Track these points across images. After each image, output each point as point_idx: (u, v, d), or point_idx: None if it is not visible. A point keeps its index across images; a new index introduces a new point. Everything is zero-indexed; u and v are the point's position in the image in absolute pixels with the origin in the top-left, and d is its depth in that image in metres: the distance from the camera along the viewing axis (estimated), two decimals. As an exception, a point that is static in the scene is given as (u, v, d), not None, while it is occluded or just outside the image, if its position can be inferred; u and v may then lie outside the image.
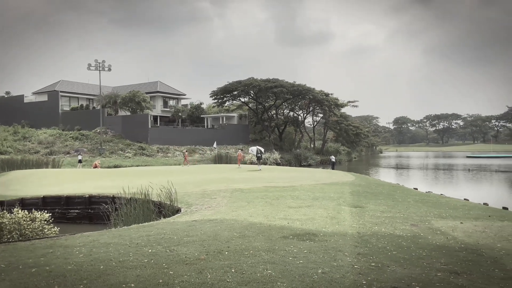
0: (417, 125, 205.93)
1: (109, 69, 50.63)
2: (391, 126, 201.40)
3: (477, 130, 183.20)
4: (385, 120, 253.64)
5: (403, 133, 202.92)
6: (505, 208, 14.16)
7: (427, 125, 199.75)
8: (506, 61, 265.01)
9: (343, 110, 71.13)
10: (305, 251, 6.01)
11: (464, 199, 16.62)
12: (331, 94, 66.33)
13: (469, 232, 7.93)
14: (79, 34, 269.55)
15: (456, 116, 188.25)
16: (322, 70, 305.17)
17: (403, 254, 5.99)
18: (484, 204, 15.14)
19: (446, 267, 5.39)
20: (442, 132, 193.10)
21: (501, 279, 4.92)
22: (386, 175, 39.35)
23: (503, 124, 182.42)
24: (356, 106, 73.76)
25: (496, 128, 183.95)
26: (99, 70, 50.08)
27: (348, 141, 71.50)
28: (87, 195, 15.21)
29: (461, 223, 8.94)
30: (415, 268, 5.27)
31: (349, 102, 70.95)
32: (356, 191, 15.08)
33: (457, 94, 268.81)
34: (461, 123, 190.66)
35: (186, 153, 40.96)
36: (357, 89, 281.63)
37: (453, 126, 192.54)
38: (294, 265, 5.21)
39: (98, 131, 52.96)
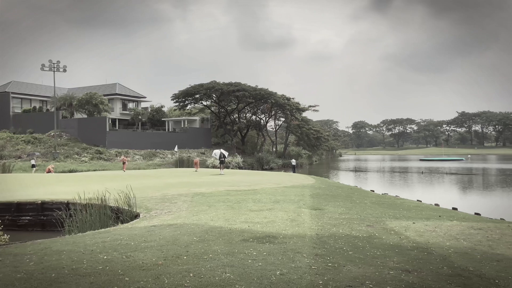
0: (374, 130, 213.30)
1: (64, 70, 48.68)
2: (350, 130, 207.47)
3: (429, 134, 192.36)
4: (345, 125, 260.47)
5: (361, 137, 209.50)
6: (454, 209, 14.98)
7: (384, 129, 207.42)
8: (456, 69, 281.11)
9: (304, 114, 72.50)
10: (264, 253, 6.06)
11: (417, 200, 17.43)
12: (293, 98, 67.41)
13: (421, 231, 8.30)
14: (33, 33, 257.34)
15: (410, 121, 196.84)
16: (284, 74, 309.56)
17: (358, 254, 6.18)
18: (435, 205, 15.94)
19: (398, 265, 5.62)
20: (397, 136, 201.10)
21: (449, 275, 5.19)
22: (345, 178, 40.46)
23: (453, 128, 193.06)
24: (316, 110, 75.40)
25: (447, 133, 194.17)
26: (54, 71, 48.02)
27: (309, 145, 72.83)
28: (40, 201, 14.50)
29: (414, 223, 9.34)
30: (369, 267, 5.46)
31: (310, 106, 72.39)
32: (316, 194, 15.40)
33: (412, 99, 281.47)
34: (415, 128, 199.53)
35: (123, 157, 38.69)
36: (318, 94, 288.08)
37: (407, 131, 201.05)
38: (253, 268, 5.24)
39: (52, 134, 50.71)
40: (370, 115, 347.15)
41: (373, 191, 21.37)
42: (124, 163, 34.73)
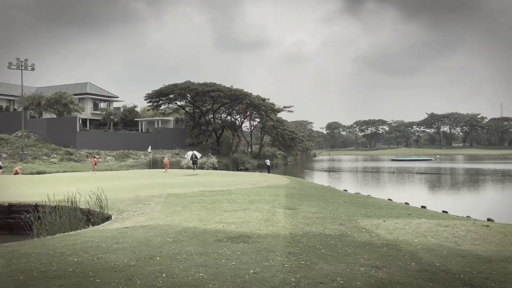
0: (347, 130, 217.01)
1: (33, 69, 47.09)
2: (324, 131, 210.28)
3: (400, 135, 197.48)
4: (319, 125, 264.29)
5: (335, 138, 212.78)
6: (423, 207, 15.46)
7: (357, 130, 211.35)
8: (425, 71, 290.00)
9: (279, 115, 72.92)
10: (238, 253, 6.09)
11: (388, 199, 17.89)
12: (268, 99, 67.72)
13: (391, 229, 8.54)
14: (0, 31, 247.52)
15: (382, 122, 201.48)
16: (259, 75, 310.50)
17: (330, 252, 6.31)
18: (405, 203, 16.42)
19: (368, 262, 5.78)
20: (370, 137, 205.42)
21: (417, 271, 5.38)
22: (319, 178, 41.00)
23: (423, 129, 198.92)
24: (291, 111, 75.95)
25: (417, 134, 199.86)
26: (21, 69, 46.36)
27: (284, 145, 73.30)
28: (6, 204, 13.99)
29: (384, 221, 9.60)
30: (341, 264, 5.58)
31: (285, 107, 72.90)
32: (291, 194, 15.55)
33: (383, 101, 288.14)
34: (387, 129, 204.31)
35: (96, 158, 37.65)
36: (293, 95, 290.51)
37: (379, 131, 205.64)
38: (227, 267, 5.27)
39: (20, 134, 48.93)
40: (343, 116, 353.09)
41: (346, 190, 21.78)
42: (95, 163, 33.86)
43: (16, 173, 30.95)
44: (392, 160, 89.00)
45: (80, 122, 54.52)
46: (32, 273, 5.02)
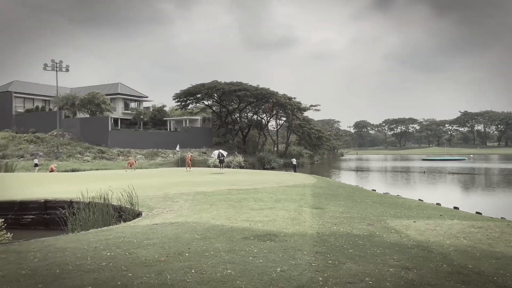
0: (376, 129, 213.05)
1: (67, 70, 48.83)
2: (352, 130, 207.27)
3: (432, 134, 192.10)
4: (346, 124, 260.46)
5: (363, 137, 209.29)
6: (456, 208, 15.01)
7: (386, 129, 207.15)
8: (458, 68, 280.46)
9: (305, 114, 72.47)
10: (265, 251, 6.13)
11: (419, 199, 17.46)
12: (294, 98, 67.40)
13: (421, 230, 8.35)
14: (35, 33, 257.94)
15: (412, 121, 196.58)
16: (285, 74, 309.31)
17: (358, 252, 6.24)
18: (437, 204, 15.98)
19: (398, 263, 5.68)
20: (399, 136, 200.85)
21: (448, 273, 5.25)
22: (346, 178, 40.49)
23: (456, 128, 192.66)
24: (318, 110, 75.38)
25: (449, 132, 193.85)
26: (56, 71, 48.18)
27: (310, 144, 72.81)
28: (43, 200, 14.59)
29: (414, 222, 9.40)
30: (369, 265, 5.52)
31: (312, 106, 72.35)
32: (317, 193, 15.45)
33: (414, 99, 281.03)
34: (417, 127, 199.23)
35: (131, 159, 38.63)
36: (320, 93, 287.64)
37: (409, 130, 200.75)
38: (254, 265, 5.32)
39: (55, 133, 50.90)
40: (372, 114, 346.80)
41: (375, 190, 21.41)
42: (131, 164, 34.74)
43: (52, 170, 32.18)
44: (423, 159, 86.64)
45: (112, 121, 56.11)
46: (67, 266, 5.24)
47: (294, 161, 43.82)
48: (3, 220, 9.82)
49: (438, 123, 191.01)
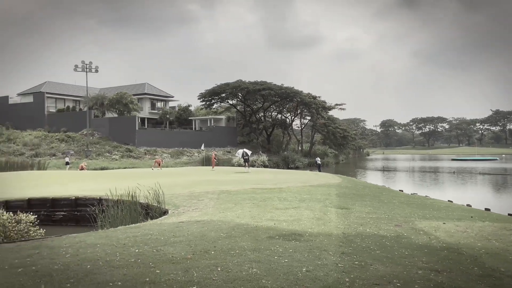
0: (403, 128, 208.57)
1: (96, 71, 50.21)
2: (378, 129, 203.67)
3: (462, 133, 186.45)
4: (372, 123, 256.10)
5: (390, 136, 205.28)
6: (487, 209, 14.52)
7: (413, 128, 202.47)
8: (490, 65, 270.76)
9: (330, 113, 71.77)
10: (291, 250, 6.12)
11: (448, 200, 16.99)
12: (319, 97, 66.85)
13: (451, 232, 8.13)
14: (66, 35, 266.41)
15: (441, 119, 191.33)
16: (310, 73, 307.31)
17: (386, 253, 6.13)
18: (467, 205, 15.50)
19: (427, 265, 5.55)
20: (428, 135, 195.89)
21: (480, 276, 5.09)
22: (372, 177, 39.84)
23: (487, 127, 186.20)
24: (343, 109, 74.33)
25: (480, 131, 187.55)
26: (86, 72, 49.63)
27: (335, 144, 72.06)
28: (73, 197, 15.07)
29: (444, 223, 9.15)
30: (397, 267, 5.42)
31: (337, 105, 71.55)
32: (343, 193, 15.27)
33: (443, 97, 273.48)
34: (447, 126, 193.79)
35: (158, 158, 39.39)
36: (345, 92, 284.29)
37: (438, 129, 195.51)
38: (279, 264, 5.32)
39: (85, 133, 52.45)
40: (399, 113, 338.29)
41: (402, 191, 20.97)
42: (158, 163, 35.54)
43: (82, 168, 33.17)
44: (453, 159, 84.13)
45: (139, 121, 57.34)
46: (98, 262, 5.39)
47: (318, 160, 43.49)
48: (36, 216, 10.18)
49: (468, 122, 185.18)
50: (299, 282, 4.60)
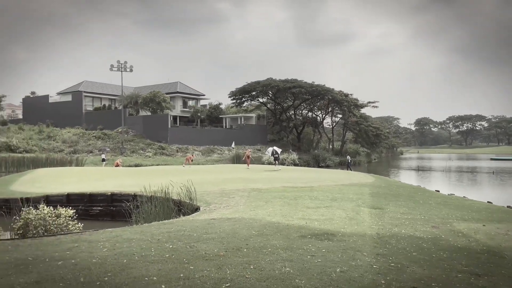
0: (439, 127, 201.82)
1: (131, 70, 51.56)
2: (413, 127, 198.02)
3: (502, 132, 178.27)
4: (407, 121, 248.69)
5: (425, 135, 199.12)
6: (530, 212, 13.79)
7: (450, 126, 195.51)
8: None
9: (363, 110, 70.41)
10: (323, 250, 6.03)
11: (488, 201, 16.25)
12: (351, 94, 65.78)
13: (492, 234, 7.78)
14: (102, 36, 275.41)
15: (480, 118, 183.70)
16: (342, 70, 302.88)
17: (423, 256, 5.94)
18: (508, 207, 14.78)
19: (467, 268, 5.34)
20: (465, 134, 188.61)
21: (524, 282, 4.84)
22: (406, 177, 38.77)
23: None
24: (376, 106, 73.02)
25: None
26: (121, 71, 51.08)
27: (367, 142, 70.68)
28: (109, 193, 15.54)
29: (484, 225, 8.78)
30: (435, 269, 5.23)
31: (369, 102, 70.16)
32: (376, 193, 14.93)
33: (481, 94, 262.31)
34: (486, 125, 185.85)
35: (189, 155, 39.56)
36: (378, 89, 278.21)
37: (477, 128, 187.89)
38: (312, 264, 5.25)
39: (120, 130, 54.02)
40: (435, 111, 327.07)
41: (438, 191, 20.26)
42: (189, 160, 35.87)
43: (117, 165, 34.17)
44: (492, 159, 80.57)
45: (171, 119, 58.46)
46: (133, 257, 5.52)
47: (349, 158, 42.88)
48: (74, 211, 10.57)
49: (509, 120, 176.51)
50: (333, 283, 4.52)
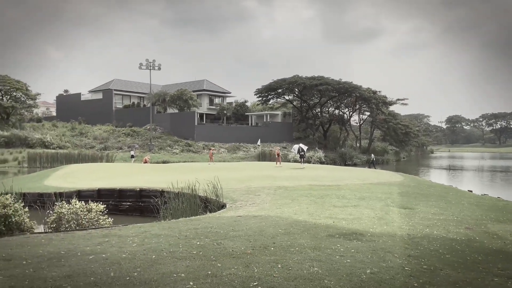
0: (472, 125, 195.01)
1: (159, 68, 52.43)
2: (444, 125, 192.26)
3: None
4: (437, 119, 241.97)
5: (457, 133, 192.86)
6: None
7: (483, 124, 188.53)
8: None
9: (391, 108, 68.89)
10: (352, 250, 5.90)
11: (525, 203, 15.57)
12: (379, 91, 64.47)
13: (530, 237, 7.42)
14: (131, 35, 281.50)
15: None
16: (370, 67, 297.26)
17: (457, 258, 5.73)
18: (547, 209, 14.10)
19: (503, 272, 5.11)
20: (499, 132, 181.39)
21: None
22: (437, 176, 37.68)
23: None
24: (405, 104, 71.08)
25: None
26: (150, 69, 52.01)
27: (396, 141, 69.13)
28: (138, 189, 15.83)
29: (521, 228, 8.38)
30: (470, 273, 5.03)
31: (398, 100, 68.52)
32: (405, 192, 14.56)
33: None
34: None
35: (212, 150, 38.92)
36: (407, 86, 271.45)
37: (511, 126, 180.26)
38: (341, 264, 5.14)
39: (148, 127, 55.07)
40: (467, 108, 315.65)
41: (471, 191, 19.58)
42: (212, 155, 36.08)
43: (146, 161, 34.85)
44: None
45: (198, 116, 59.09)
46: (162, 253, 5.57)
47: (373, 156, 42.27)
48: (105, 206, 10.82)
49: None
50: (363, 284, 4.41)
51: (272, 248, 5.88)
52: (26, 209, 8.92)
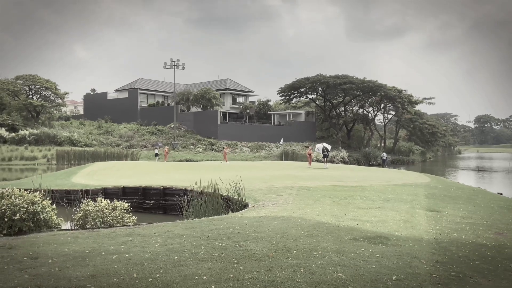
0: (502, 124, 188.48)
1: (183, 68, 52.98)
2: (472, 125, 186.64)
3: None
4: (465, 119, 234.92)
5: (486, 133, 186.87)
6: None
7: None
8: None
9: (417, 107, 67.41)
10: (377, 255, 5.75)
11: (560, 207, 14.87)
12: (405, 90, 63.11)
13: None
14: (156, 34, 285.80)
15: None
16: (395, 65, 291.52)
17: (487, 265, 5.50)
18: None
19: (539, 282, 4.85)
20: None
21: None
22: (465, 178, 36.55)
23: None
24: (432, 103, 69.91)
25: None
26: (174, 69, 52.63)
27: (422, 140, 67.57)
28: (162, 187, 16.03)
29: (557, 234, 7.98)
30: (501, 281, 4.81)
31: (425, 99, 66.95)
32: (432, 194, 14.17)
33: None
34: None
35: (225, 149, 37.70)
36: (434, 85, 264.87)
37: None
38: (366, 270, 5.01)
39: (172, 126, 55.78)
40: (497, 108, 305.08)
41: (501, 194, 18.88)
42: (224, 155, 35.27)
43: (166, 153, 36.45)
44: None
45: (221, 115, 59.40)
46: (184, 254, 5.57)
47: (384, 155, 41.29)
48: (129, 204, 10.98)
49: None
50: (389, 292, 4.28)
51: (294, 251, 5.80)
52: (54, 206, 9.13)
